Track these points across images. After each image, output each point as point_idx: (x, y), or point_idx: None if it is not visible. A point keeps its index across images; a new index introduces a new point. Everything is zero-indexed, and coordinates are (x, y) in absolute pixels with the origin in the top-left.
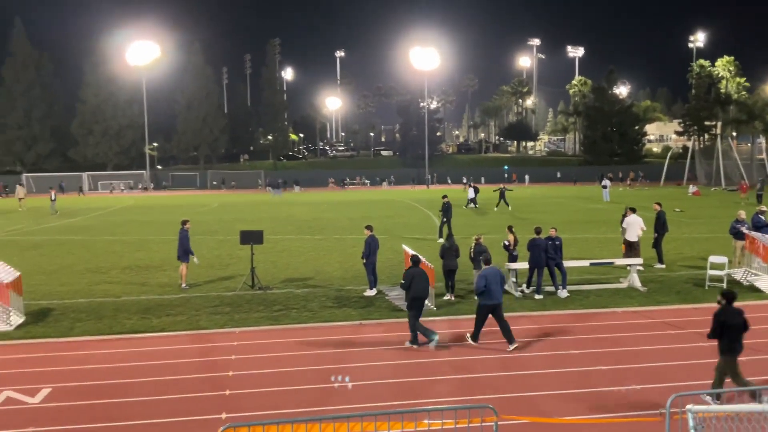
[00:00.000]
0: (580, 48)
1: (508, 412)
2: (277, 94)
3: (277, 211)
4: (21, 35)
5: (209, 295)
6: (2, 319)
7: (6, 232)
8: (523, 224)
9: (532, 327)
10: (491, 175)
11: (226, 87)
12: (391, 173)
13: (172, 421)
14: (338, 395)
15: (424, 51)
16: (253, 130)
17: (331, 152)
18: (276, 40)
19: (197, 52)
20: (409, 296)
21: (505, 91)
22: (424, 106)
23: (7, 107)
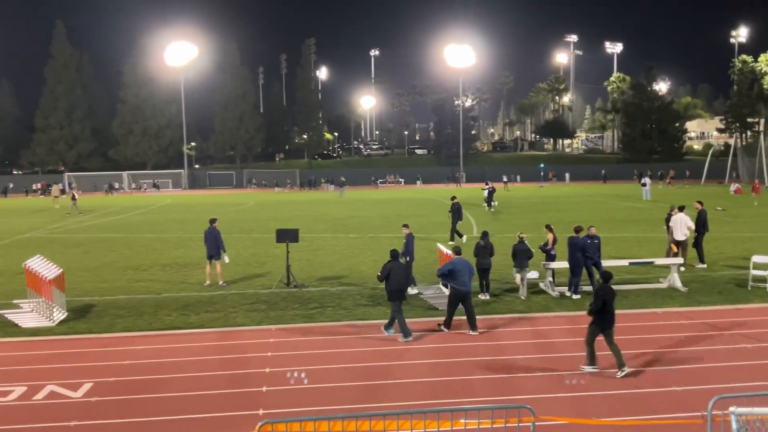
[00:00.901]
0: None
1: (546, 412)
2: (311, 93)
3: (312, 209)
4: (62, 37)
5: (246, 292)
6: (45, 314)
7: (49, 230)
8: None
9: (570, 327)
10: (527, 173)
11: (261, 87)
12: (426, 172)
13: (211, 416)
14: (374, 393)
15: (459, 48)
16: (289, 130)
17: (365, 151)
18: (311, 40)
19: (234, 53)
20: (387, 288)
21: (542, 88)
22: (459, 104)
23: (49, 108)
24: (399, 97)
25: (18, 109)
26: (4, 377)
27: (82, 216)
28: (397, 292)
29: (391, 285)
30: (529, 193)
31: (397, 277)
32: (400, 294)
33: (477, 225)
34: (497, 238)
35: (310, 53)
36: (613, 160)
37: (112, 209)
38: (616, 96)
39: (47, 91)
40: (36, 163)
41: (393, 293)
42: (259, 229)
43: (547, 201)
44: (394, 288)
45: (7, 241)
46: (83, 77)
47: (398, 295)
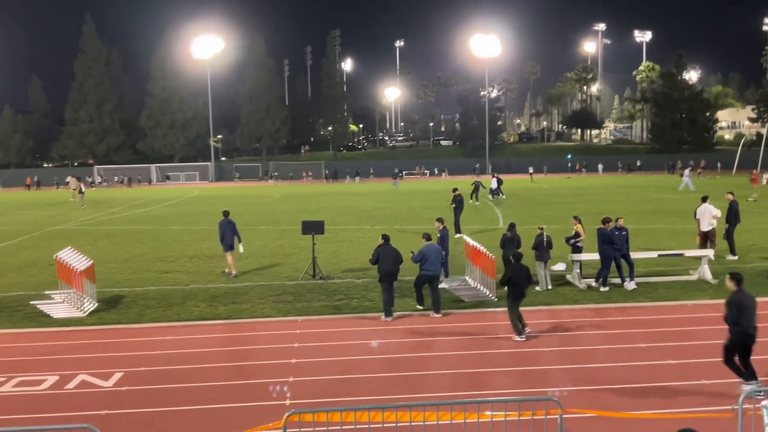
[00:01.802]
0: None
1: (573, 405)
2: (336, 85)
3: (338, 201)
4: (91, 32)
5: (272, 284)
6: (76, 305)
7: (79, 222)
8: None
9: (598, 319)
10: (554, 164)
11: (287, 79)
12: (451, 163)
13: (238, 406)
14: (400, 384)
15: (485, 38)
16: (314, 122)
17: (390, 142)
18: (336, 31)
19: (260, 45)
20: (378, 271)
21: (569, 77)
22: (485, 95)
23: (79, 101)
24: (424, 88)
25: (48, 103)
26: (36, 366)
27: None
28: (385, 275)
29: (380, 268)
30: (556, 184)
31: (386, 261)
32: (388, 276)
33: (503, 217)
34: (524, 230)
35: (335, 45)
36: (642, 150)
37: (139, 201)
38: (646, 85)
39: (77, 84)
40: (66, 156)
41: (382, 275)
42: (286, 221)
43: (575, 192)
44: (382, 271)
45: (39, 233)
46: (112, 71)
47: (387, 277)
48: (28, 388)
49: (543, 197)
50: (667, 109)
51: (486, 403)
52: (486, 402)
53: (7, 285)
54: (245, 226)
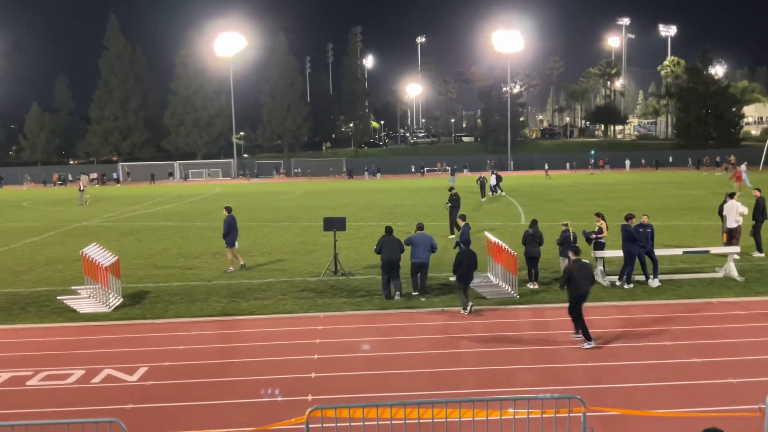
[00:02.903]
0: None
1: (597, 403)
2: (358, 81)
3: (359, 197)
4: (116, 30)
5: (294, 280)
6: (102, 300)
7: (103, 219)
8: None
9: (622, 317)
10: (577, 160)
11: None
12: (473, 160)
13: (261, 401)
14: (423, 381)
15: (507, 34)
16: (335, 118)
17: (411, 139)
18: (357, 28)
19: (281, 42)
20: (381, 259)
21: (592, 73)
22: (507, 91)
23: (104, 99)
24: (445, 84)
25: (74, 101)
26: (63, 361)
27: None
28: (387, 263)
29: (383, 256)
30: (579, 180)
31: (387, 249)
32: (390, 264)
33: (525, 213)
34: (546, 227)
35: (357, 41)
36: (667, 146)
37: (162, 198)
38: (670, 80)
39: (102, 83)
40: (91, 154)
41: (384, 263)
42: (308, 217)
43: (598, 188)
44: (385, 259)
45: (65, 229)
46: (136, 69)
47: (389, 265)
48: (55, 382)
49: (565, 194)
50: (693, 105)
51: (509, 401)
52: (509, 399)
53: (34, 280)
54: (266, 222)
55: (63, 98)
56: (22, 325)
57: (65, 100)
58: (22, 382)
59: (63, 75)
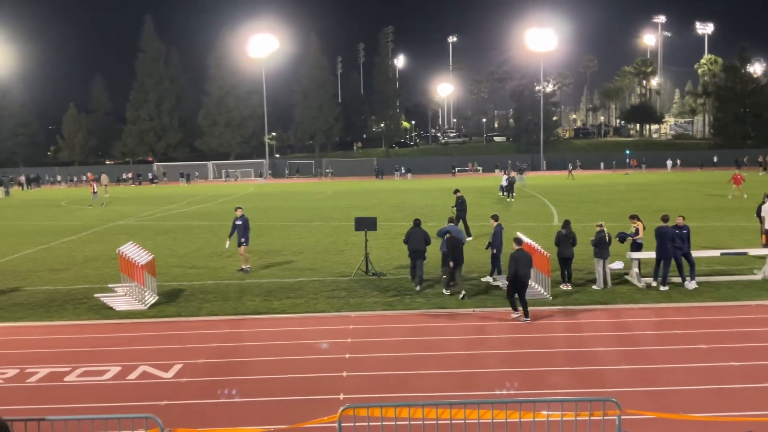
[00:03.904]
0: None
1: (632, 406)
2: (389, 81)
3: (390, 197)
4: (151, 32)
5: (326, 279)
6: (138, 298)
7: (139, 218)
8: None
9: (658, 320)
10: (611, 159)
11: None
12: (504, 160)
13: (293, 399)
14: (454, 382)
15: (540, 32)
16: (366, 118)
17: (442, 139)
18: (389, 28)
19: (313, 43)
20: (408, 249)
21: (627, 71)
22: (540, 90)
23: (139, 100)
24: (477, 83)
25: (110, 101)
26: (100, 357)
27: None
28: (413, 252)
29: (410, 246)
30: (614, 180)
31: (414, 240)
32: (415, 254)
33: (558, 214)
34: (580, 227)
35: (388, 41)
36: (704, 146)
37: (196, 198)
38: (708, 79)
39: (137, 84)
40: (127, 154)
41: (411, 252)
42: (339, 217)
43: (634, 189)
44: (411, 248)
45: (102, 228)
46: (171, 70)
47: (414, 254)
48: (92, 378)
49: (599, 194)
50: (730, 104)
51: (542, 403)
52: (542, 401)
53: (72, 278)
54: (298, 222)
55: (99, 99)
56: (60, 322)
57: (102, 101)
58: (60, 377)
59: (100, 76)
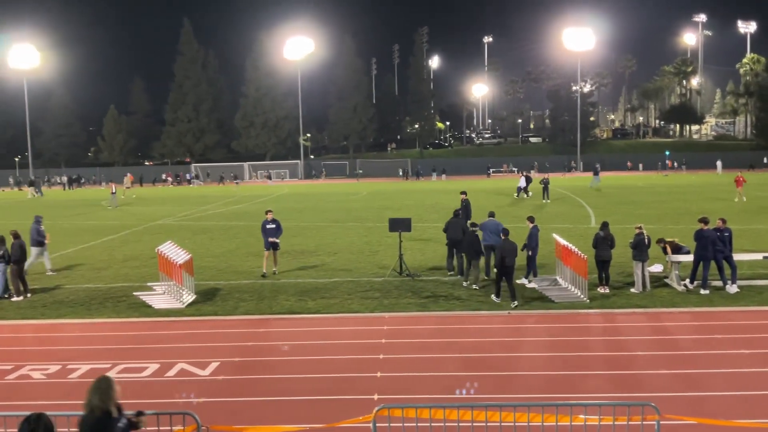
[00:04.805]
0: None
1: (671, 411)
2: (423, 82)
3: (424, 198)
4: (189, 35)
5: (360, 280)
6: (176, 296)
7: (178, 218)
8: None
9: (698, 324)
10: (650, 160)
11: (374, 77)
12: (540, 161)
13: (327, 398)
14: (489, 384)
15: (578, 31)
16: (400, 119)
17: (477, 140)
18: (424, 29)
19: (348, 45)
20: (447, 239)
21: (667, 71)
22: (577, 90)
23: (178, 102)
24: (513, 84)
25: (149, 104)
26: (139, 354)
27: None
28: (451, 241)
29: (448, 236)
30: (653, 181)
31: (453, 230)
32: (453, 242)
33: (595, 216)
34: (618, 229)
35: (423, 42)
36: (746, 146)
37: (233, 198)
38: (750, 78)
39: (176, 86)
40: (165, 155)
41: (449, 241)
42: (373, 218)
43: (673, 190)
44: (450, 238)
45: (141, 227)
46: (208, 72)
47: (453, 243)
48: (131, 374)
49: (638, 195)
50: None
51: (579, 406)
52: (579, 405)
53: (112, 276)
54: (333, 222)
55: (139, 101)
56: (100, 320)
57: (141, 103)
58: (101, 374)
59: (139, 79)
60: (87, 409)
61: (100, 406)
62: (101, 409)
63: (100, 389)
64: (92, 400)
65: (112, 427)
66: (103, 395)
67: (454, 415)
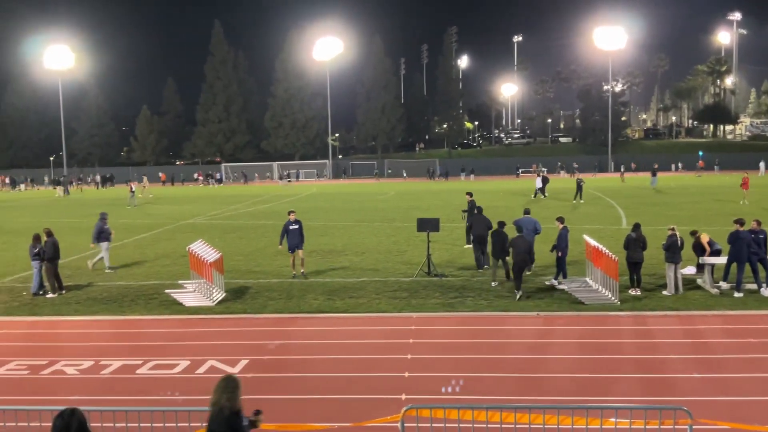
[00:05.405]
0: None
1: (704, 416)
2: (452, 82)
3: (452, 198)
4: (220, 36)
5: (387, 280)
6: (206, 294)
7: (208, 217)
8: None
9: (731, 327)
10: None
11: (403, 77)
12: (570, 161)
13: (355, 397)
14: (517, 385)
15: (609, 30)
16: (429, 119)
17: (506, 140)
18: (453, 28)
19: (377, 45)
20: (472, 234)
21: (701, 70)
22: (608, 90)
23: (209, 102)
24: (542, 83)
25: (180, 104)
26: (170, 351)
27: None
28: (477, 236)
29: (473, 232)
30: (685, 182)
31: (477, 226)
32: (479, 238)
33: (627, 217)
34: (649, 231)
35: (452, 42)
36: None
37: (262, 198)
38: None
39: (207, 87)
40: (196, 155)
41: (475, 237)
42: (401, 218)
43: (704, 191)
44: (475, 233)
45: (172, 226)
46: (238, 73)
47: (478, 238)
48: (162, 371)
49: (670, 196)
50: None
51: (610, 409)
52: (610, 408)
53: (144, 274)
54: (360, 222)
55: (171, 102)
56: (132, 317)
57: (173, 104)
58: (133, 370)
59: (171, 79)
60: (215, 408)
61: (229, 406)
62: (230, 408)
63: (228, 388)
64: (221, 398)
65: (240, 426)
66: (231, 394)
67: (482, 417)
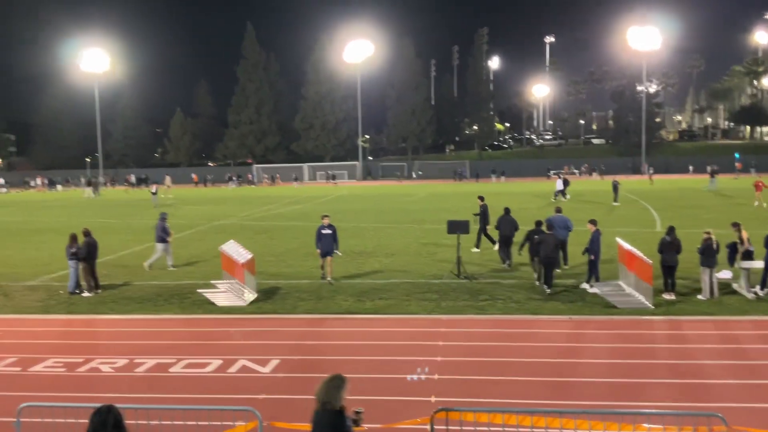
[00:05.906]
0: None
1: (739, 423)
2: (482, 83)
3: None
4: (252, 39)
5: (417, 282)
6: (238, 295)
7: (240, 218)
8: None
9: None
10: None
11: (433, 79)
12: (602, 163)
13: (385, 399)
14: (548, 390)
15: (643, 30)
16: (459, 121)
17: (537, 141)
18: (484, 29)
19: (408, 47)
20: (499, 235)
21: (737, 71)
22: (642, 91)
23: (241, 104)
24: (575, 84)
25: (213, 106)
26: (202, 350)
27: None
28: (503, 237)
29: (500, 232)
30: (721, 185)
31: (504, 227)
32: (505, 238)
33: (661, 220)
34: (684, 234)
35: (483, 43)
36: None
37: (293, 199)
38: None
39: (239, 89)
40: (228, 156)
41: (501, 237)
42: (431, 219)
43: (741, 194)
44: (501, 234)
45: (205, 226)
46: (270, 75)
47: (505, 239)
48: (195, 370)
49: (705, 199)
50: None
51: (642, 415)
52: (643, 414)
53: (177, 274)
54: (390, 224)
55: (203, 104)
56: (166, 316)
57: (205, 106)
58: (166, 368)
59: (204, 82)
60: (320, 405)
61: (333, 403)
62: (334, 406)
63: (335, 386)
64: (326, 396)
65: (343, 424)
66: (337, 393)
67: (512, 421)
